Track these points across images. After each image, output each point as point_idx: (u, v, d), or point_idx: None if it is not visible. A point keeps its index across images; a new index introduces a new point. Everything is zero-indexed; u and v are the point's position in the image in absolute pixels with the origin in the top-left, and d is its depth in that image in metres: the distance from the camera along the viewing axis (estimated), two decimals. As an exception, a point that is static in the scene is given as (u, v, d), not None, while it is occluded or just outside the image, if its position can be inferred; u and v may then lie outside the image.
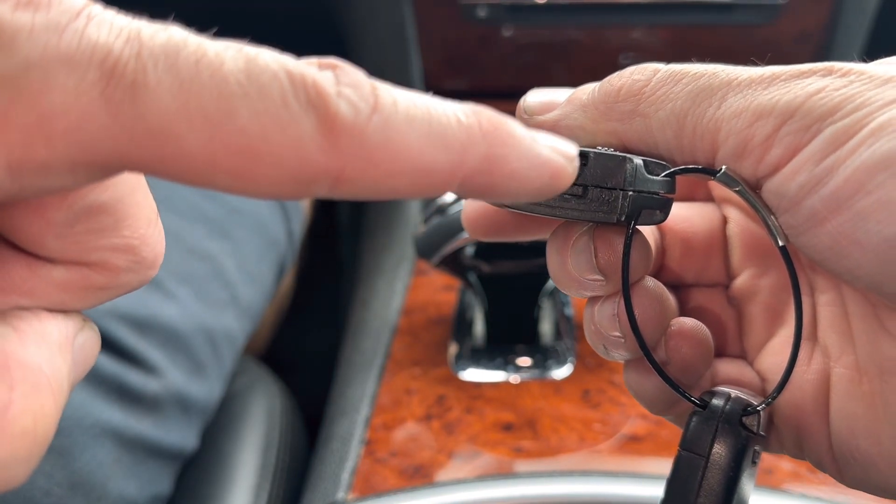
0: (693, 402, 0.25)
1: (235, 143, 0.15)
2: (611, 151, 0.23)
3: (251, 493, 0.56)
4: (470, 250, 0.58)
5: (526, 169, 0.18)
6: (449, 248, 0.56)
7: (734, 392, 0.25)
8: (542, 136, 0.19)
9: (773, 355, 0.28)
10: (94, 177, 0.16)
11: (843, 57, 0.82)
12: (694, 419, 0.25)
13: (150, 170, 0.15)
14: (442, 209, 0.56)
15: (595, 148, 0.24)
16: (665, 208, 0.24)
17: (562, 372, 0.58)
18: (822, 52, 0.83)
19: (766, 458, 0.49)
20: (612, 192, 0.23)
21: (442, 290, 0.69)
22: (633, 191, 0.23)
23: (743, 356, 0.29)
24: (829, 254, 0.22)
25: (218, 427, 0.60)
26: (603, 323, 0.26)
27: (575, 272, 0.25)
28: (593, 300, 0.27)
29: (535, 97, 0.27)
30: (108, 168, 0.15)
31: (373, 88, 0.16)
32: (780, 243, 0.23)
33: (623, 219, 0.23)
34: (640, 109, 0.24)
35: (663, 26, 0.84)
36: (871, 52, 0.24)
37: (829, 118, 0.21)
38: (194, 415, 0.57)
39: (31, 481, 0.45)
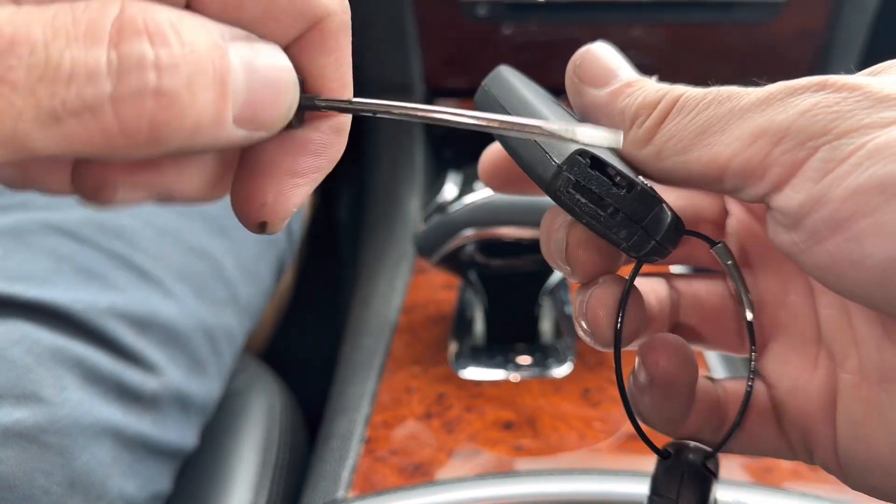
0: (658, 452, 0.28)
1: None
2: (654, 191, 0.24)
3: (251, 492, 0.56)
4: (470, 248, 0.58)
5: None
6: (449, 246, 0.56)
7: (692, 443, 0.28)
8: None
9: (774, 361, 0.28)
10: None
11: (843, 55, 0.82)
12: (661, 467, 0.28)
13: None
14: (442, 207, 0.56)
15: (642, 179, 0.25)
16: (663, 257, 0.26)
17: (562, 370, 0.58)
18: (823, 50, 0.83)
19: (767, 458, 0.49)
20: (635, 226, 0.24)
21: (442, 288, 0.69)
22: (656, 241, 0.24)
23: (742, 350, 0.29)
24: (829, 273, 0.22)
25: (218, 425, 0.60)
26: (574, 308, 0.28)
27: (555, 253, 0.27)
28: (582, 288, 0.28)
29: (591, 63, 0.29)
30: None
31: None
32: (749, 318, 0.26)
33: (631, 252, 0.25)
34: (655, 140, 0.25)
35: (663, 24, 0.84)
36: (872, 51, 0.24)
37: (823, 137, 0.21)
38: (194, 413, 0.56)
39: (30, 480, 0.45)
